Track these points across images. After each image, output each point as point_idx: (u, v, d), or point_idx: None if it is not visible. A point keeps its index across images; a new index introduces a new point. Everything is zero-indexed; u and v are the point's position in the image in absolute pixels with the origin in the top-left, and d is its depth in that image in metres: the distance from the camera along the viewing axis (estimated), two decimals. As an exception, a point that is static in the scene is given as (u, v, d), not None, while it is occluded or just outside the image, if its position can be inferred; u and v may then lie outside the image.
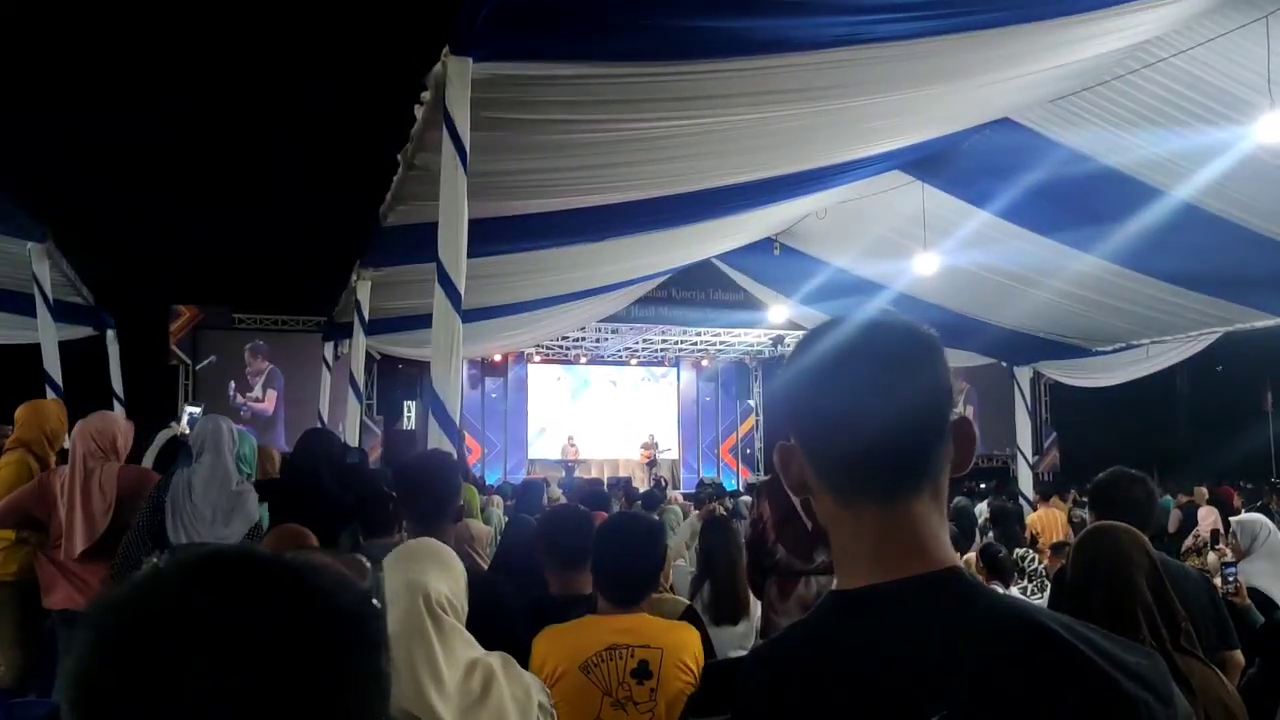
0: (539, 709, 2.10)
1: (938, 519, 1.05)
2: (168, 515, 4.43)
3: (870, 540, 1.04)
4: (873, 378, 1.04)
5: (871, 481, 1.05)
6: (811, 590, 3.89)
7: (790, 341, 20.59)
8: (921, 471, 1.05)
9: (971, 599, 1.00)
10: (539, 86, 4.89)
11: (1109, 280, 9.74)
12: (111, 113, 6.61)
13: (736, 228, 10.36)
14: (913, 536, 1.03)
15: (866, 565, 1.04)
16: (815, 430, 1.09)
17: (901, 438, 1.04)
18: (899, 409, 1.03)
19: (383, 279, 8.83)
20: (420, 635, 1.97)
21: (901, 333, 1.09)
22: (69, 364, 8.60)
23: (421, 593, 2.02)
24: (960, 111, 7.27)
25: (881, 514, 1.04)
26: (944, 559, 1.03)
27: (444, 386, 4.61)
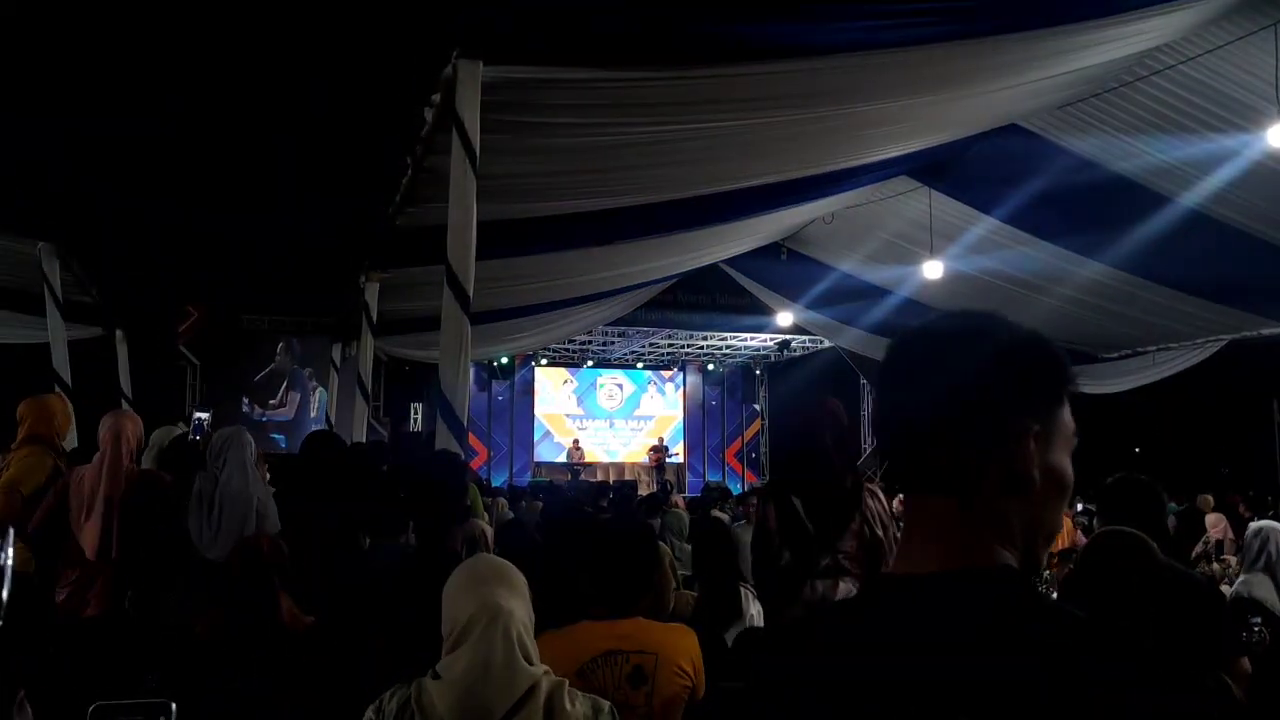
0: None
1: (967, 520, 1.03)
2: (191, 523, 4.45)
3: (906, 528, 1.08)
4: (899, 377, 1.09)
5: (899, 473, 1.08)
6: (817, 593, 3.88)
7: (796, 346, 20.59)
8: (933, 472, 1.05)
9: (1007, 600, 1.00)
10: (548, 90, 4.92)
11: (1115, 287, 9.73)
12: (120, 114, 6.65)
13: (743, 233, 10.38)
14: (933, 534, 1.05)
15: (903, 551, 1.07)
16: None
17: (898, 435, 1.08)
18: (896, 407, 1.07)
19: (391, 281, 8.86)
20: (489, 668, 1.98)
21: (935, 334, 1.10)
22: (77, 364, 8.65)
23: (503, 624, 2.02)
24: (968, 117, 7.28)
25: (913, 506, 1.08)
26: (978, 559, 1.03)
27: (452, 388, 4.63)
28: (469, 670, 1.96)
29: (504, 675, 1.97)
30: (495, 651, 1.98)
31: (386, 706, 2.02)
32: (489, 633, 1.99)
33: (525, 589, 2.16)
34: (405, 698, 2.01)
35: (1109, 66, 6.55)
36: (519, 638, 2.02)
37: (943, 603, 1.00)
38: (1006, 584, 1.02)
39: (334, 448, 5.14)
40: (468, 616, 2.02)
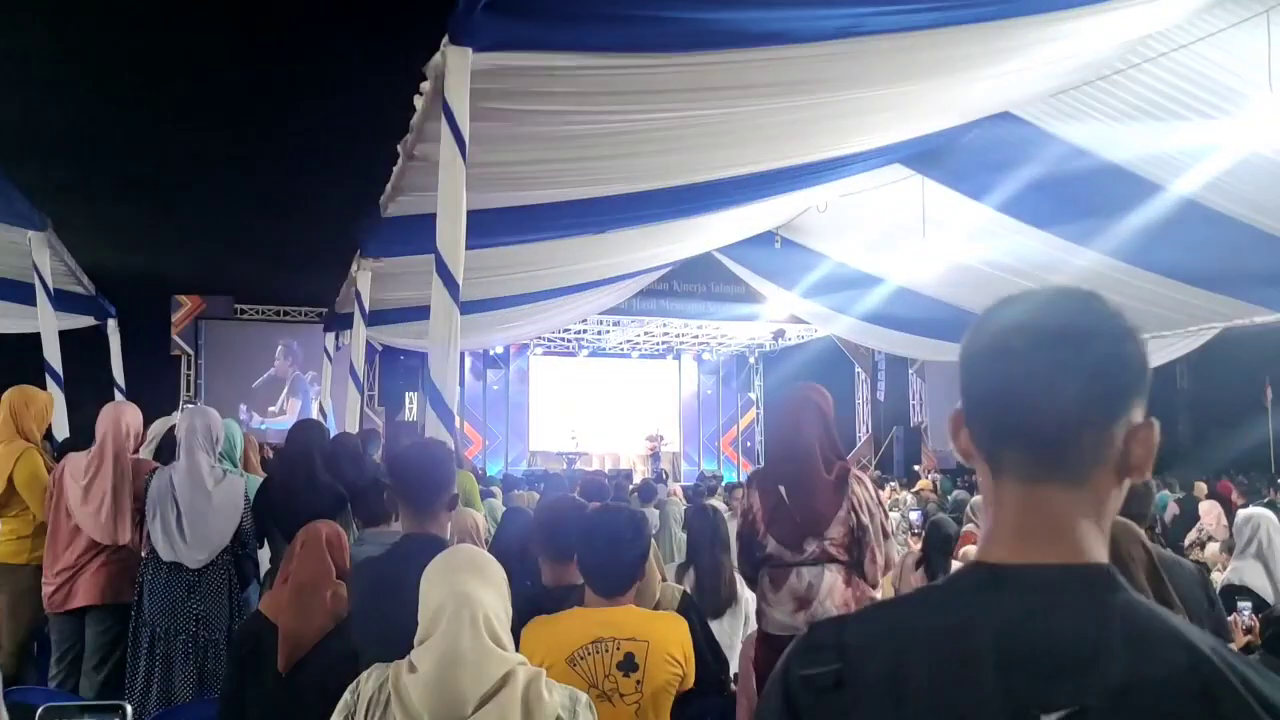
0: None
1: (1087, 513, 1.02)
2: (148, 516, 4.45)
3: (1011, 517, 1.04)
4: (1031, 355, 1.02)
5: (1009, 454, 1.04)
6: (803, 581, 3.88)
7: (790, 334, 20.61)
8: (1065, 459, 1.02)
9: (1121, 600, 0.99)
10: (539, 77, 4.89)
11: (1109, 275, 9.72)
12: (111, 103, 6.63)
13: (737, 221, 10.37)
14: (1053, 525, 1.02)
15: (1009, 542, 1.03)
16: (972, 399, 1.08)
17: (1039, 420, 1.01)
18: (1043, 390, 1.01)
19: (383, 270, 8.83)
20: (459, 656, 1.96)
21: (1081, 313, 1.04)
22: (69, 354, 8.61)
23: (470, 612, 2.00)
24: (960, 105, 7.27)
25: (1023, 492, 1.03)
26: (1091, 554, 1.02)
27: (442, 377, 4.61)
28: (439, 659, 1.96)
29: (474, 662, 1.96)
30: (463, 639, 1.97)
31: (363, 687, 2.04)
32: (456, 621, 1.99)
33: (500, 579, 2.15)
34: (382, 679, 2.03)
35: (1101, 54, 6.54)
36: (488, 625, 2.01)
37: (1073, 598, 0.98)
38: (1121, 585, 1.01)
39: (321, 437, 5.15)
40: (437, 605, 2.02)
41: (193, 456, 4.55)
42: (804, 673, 1.04)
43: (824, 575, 3.87)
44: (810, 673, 1.03)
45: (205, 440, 4.61)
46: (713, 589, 4.66)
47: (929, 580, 6.41)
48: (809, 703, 1.03)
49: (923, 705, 0.97)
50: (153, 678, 4.33)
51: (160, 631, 4.37)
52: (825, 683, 1.02)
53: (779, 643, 3.86)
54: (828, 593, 3.84)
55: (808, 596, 3.84)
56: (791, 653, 1.08)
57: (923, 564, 6.62)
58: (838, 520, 3.88)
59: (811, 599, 3.83)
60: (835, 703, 1.01)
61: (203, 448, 4.59)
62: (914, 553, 7.23)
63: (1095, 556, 1.02)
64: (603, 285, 13.28)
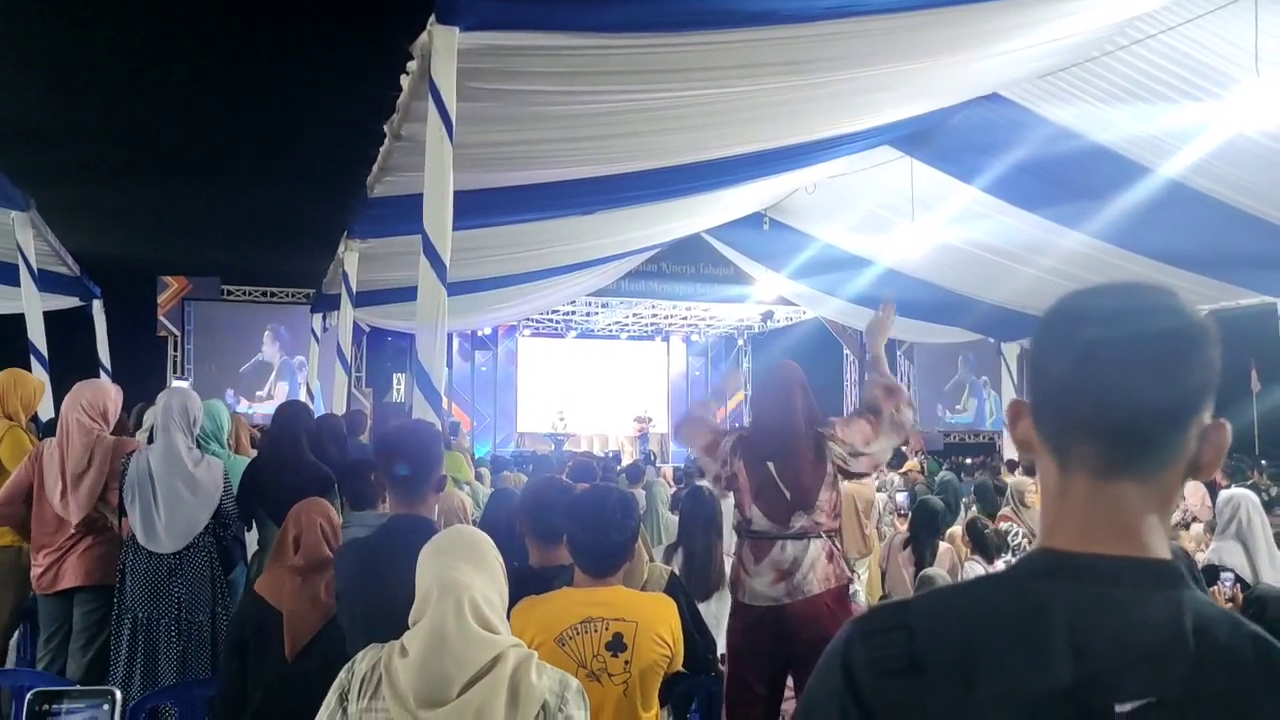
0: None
1: (1155, 509, 1.02)
2: (126, 499, 4.43)
3: (1077, 507, 1.03)
4: (1105, 344, 1.01)
5: (1082, 449, 1.03)
6: (786, 554, 3.92)
7: (779, 317, 20.63)
8: (1142, 456, 1.02)
9: (1189, 598, 0.99)
10: (526, 57, 4.86)
11: (1096, 258, 9.75)
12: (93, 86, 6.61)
13: (725, 202, 10.36)
14: (1122, 520, 1.01)
15: (1075, 531, 1.03)
16: (1040, 387, 1.07)
17: (1124, 417, 1.01)
18: (1129, 387, 1.00)
19: (370, 251, 8.80)
20: (443, 640, 1.97)
21: (1163, 310, 1.03)
22: (54, 335, 8.58)
23: (455, 595, 2.00)
24: (950, 86, 7.27)
25: (1093, 487, 1.02)
26: (1158, 549, 1.01)
27: (429, 358, 4.61)
28: (424, 642, 1.97)
29: (459, 645, 1.97)
30: (448, 623, 1.98)
31: (358, 666, 2.05)
32: (441, 605, 2.00)
33: (495, 560, 2.15)
34: (375, 660, 2.04)
35: (1090, 36, 6.54)
36: (474, 609, 2.01)
37: (1145, 591, 0.98)
38: (1187, 582, 1.01)
39: (307, 418, 5.14)
40: (425, 589, 2.04)
41: (169, 437, 4.52)
42: (873, 655, 1.01)
43: (809, 548, 3.92)
44: (879, 655, 1.01)
45: (182, 420, 4.58)
46: (703, 571, 4.68)
47: (916, 560, 6.45)
48: (875, 685, 1.01)
49: (995, 690, 0.96)
50: (135, 661, 4.32)
51: (143, 616, 4.36)
52: (897, 665, 1.00)
53: (751, 613, 3.90)
54: (810, 566, 3.89)
55: (790, 569, 3.88)
56: (851, 637, 1.05)
57: (910, 544, 6.67)
58: (825, 487, 3.95)
59: (794, 571, 3.88)
60: (905, 686, 0.99)
61: (179, 428, 4.56)
62: (901, 532, 7.28)
63: (1162, 552, 1.02)
64: (591, 266, 13.27)
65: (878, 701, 1.00)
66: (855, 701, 1.01)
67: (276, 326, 19.04)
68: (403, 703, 1.94)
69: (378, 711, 1.98)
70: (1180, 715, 0.92)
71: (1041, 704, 0.94)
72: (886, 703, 1.00)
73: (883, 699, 1.00)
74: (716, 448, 4.16)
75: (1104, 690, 0.93)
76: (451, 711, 1.92)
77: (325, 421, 5.60)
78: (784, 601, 3.87)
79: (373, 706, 1.98)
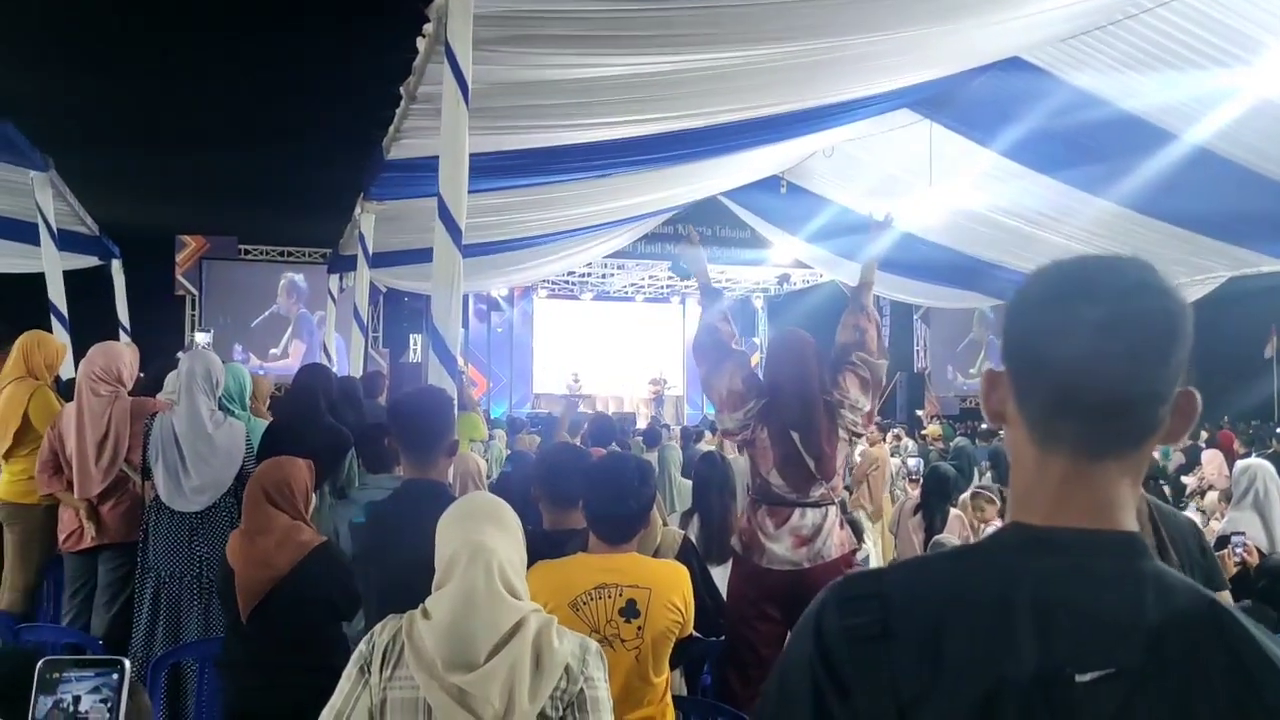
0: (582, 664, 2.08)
1: (1128, 483, 1.04)
2: (151, 460, 4.48)
3: (1054, 484, 1.04)
4: (1099, 324, 1.00)
5: (1067, 428, 1.03)
6: (806, 520, 3.95)
7: (796, 280, 20.55)
8: (1123, 430, 1.02)
9: (1151, 568, 1.00)
10: (542, 20, 4.83)
11: (1117, 224, 9.66)
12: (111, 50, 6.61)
13: (742, 165, 10.29)
14: (1096, 492, 1.02)
15: (1048, 506, 1.04)
16: (1025, 363, 1.06)
17: (1115, 395, 1.01)
18: (1122, 365, 1.00)
19: (386, 212, 8.80)
20: (473, 604, 1.99)
21: (1149, 286, 1.03)
22: (74, 294, 8.64)
23: (485, 560, 2.03)
24: (970, 50, 7.17)
25: (1074, 465, 1.03)
26: (1125, 522, 1.03)
27: (444, 321, 4.62)
28: (453, 606, 1.98)
29: (488, 610, 1.99)
30: (478, 587, 2.00)
31: (378, 639, 2.05)
32: (471, 569, 2.01)
33: (516, 526, 2.17)
34: (396, 629, 2.05)
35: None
36: (502, 573, 2.03)
37: (1108, 562, 1.00)
38: (1149, 553, 1.03)
39: (326, 381, 5.17)
40: (451, 553, 2.04)
41: (192, 399, 4.57)
42: (846, 623, 1.02)
43: (826, 515, 3.97)
44: (853, 623, 1.02)
45: (205, 383, 4.62)
46: (720, 536, 4.72)
47: (926, 525, 6.47)
48: (846, 654, 1.02)
49: (961, 660, 0.97)
50: (158, 618, 4.39)
51: (165, 574, 4.43)
52: (870, 632, 1.01)
53: (770, 577, 3.93)
54: (829, 533, 3.94)
55: (810, 535, 3.92)
56: (825, 603, 1.06)
57: (920, 509, 6.68)
58: (839, 454, 4.04)
59: (814, 537, 3.92)
60: (875, 653, 1.00)
61: (202, 390, 4.60)
62: (913, 498, 7.29)
63: (1127, 524, 1.03)
64: (608, 229, 13.23)
65: (848, 667, 1.01)
66: (825, 667, 1.02)
67: (293, 277, 18.55)
68: (429, 668, 1.96)
69: (402, 680, 1.99)
70: (1138, 685, 0.93)
71: (1006, 674, 0.95)
72: (856, 669, 1.00)
73: (852, 665, 1.01)
74: (741, 402, 4.11)
75: (1066, 661, 0.95)
76: (479, 677, 1.94)
77: (343, 384, 5.63)
78: (804, 566, 3.91)
79: (396, 676, 2.00)
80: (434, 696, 1.94)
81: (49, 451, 4.78)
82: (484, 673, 1.94)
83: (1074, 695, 0.93)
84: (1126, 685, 0.93)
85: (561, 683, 2.02)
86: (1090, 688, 0.93)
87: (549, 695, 1.99)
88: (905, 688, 0.98)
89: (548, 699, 1.99)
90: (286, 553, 3.31)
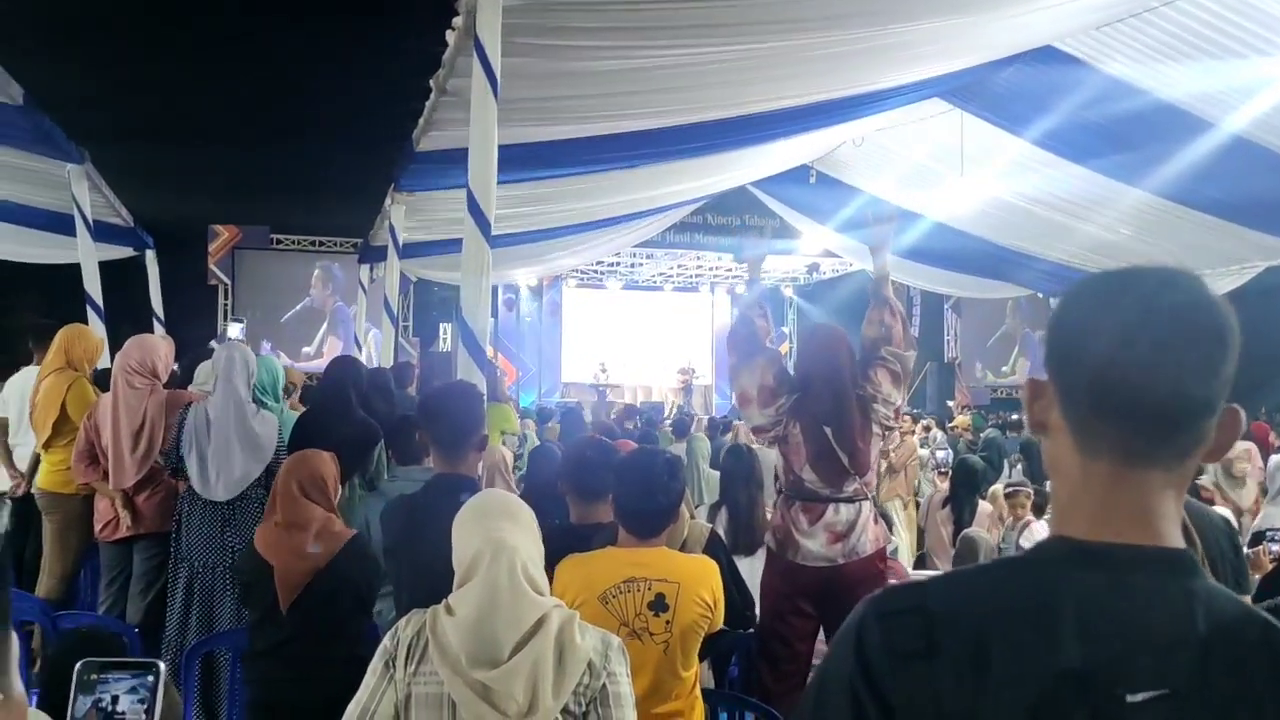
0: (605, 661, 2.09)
1: (1173, 497, 1.03)
2: (185, 448, 4.53)
3: (1098, 494, 1.03)
4: (1158, 336, 0.99)
5: (1114, 437, 1.02)
6: (840, 516, 3.94)
7: (825, 269, 20.46)
8: (1174, 444, 1.01)
9: (1202, 587, 0.99)
10: (570, 12, 4.85)
11: (1152, 213, 9.57)
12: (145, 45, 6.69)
13: (771, 155, 10.26)
14: (1144, 507, 1.01)
15: (1092, 517, 1.02)
16: (1073, 372, 1.04)
17: (1166, 405, 0.99)
18: (1173, 375, 0.99)
19: (416, 203, 8.85)
20: (496, 601, 2.01)
21: (1202, 299, 1.02)
22: (108, 284, 8.74)
23: (507, 558, 2.04)
24: (1003, 39, 7.11)
25: (1118, 474, 1.02)
26: (1173, 538, 1.01)
27: (474, 314, 4.64)
28: (478, 604, 2.01)
29: (511, 607, 2.01)
30: (501, 585, 2.02)
31: (403, 634, 2.07)
32: (494, 567, 2.03)
33: (532, 522, 2.19)
34: (420, 625, 2.07)
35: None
36: (524, 570, 2.05)
37: (1158, 581, 0.99)
38: (1200, 571, 1.02)
39: (357, 373, 5.21)
40: (474, 551, 2.06)
41: (230, 386, 4.61)
42: (888, 639, 1.01)
43: (860, 510, 3.95)
44: (896, 639, 1.01)
45: (242, 372, 4.67)
46: (747, 528, 4.73)
47: (955, 519, 6.45)
48: (888, 670, 1.01)
49: (1005, 677, 0.96)
50: (191, 607, 4.45)
51: (198, 565, 4.48)
52: (913, 649, 1.00)
53: (804, 573, 3.92)
54: (863, 528, 3.93)
55: (845, 531, 3.91)
56: (866, 618, 1.05)
57: (949, 502, 6.66)
58: (872, 449, 4.03)
59: (848, 533, 3.91)
60: (919, 669, 0.99)
61: (240, 378, 4.65)
62: (941, 491, 7.27)
63: (1176, 540, 1.02)
64: (636, 219, 13.23)
65: (890, 683, 1.00)
66: (866, 683, 1.01)
67: (329, 265, 17.92)
68: (453, 665, 1.98)
69: (427, 676, 2.02)
70: (1190, 707, 0.93)
71: (1052, 692, 0.95)
72: (899, 685, 1.00)
73: (896, 682, 1.00)
74: (773, 398, 4.07)
75: (1115, 680, 0.94)
76: (504, 673, 1.96)
77: (374, 376, 5.68)
78: (839, 562, 3.89)
79: (421, 671, 2.02)
80: (458, 692, 1.97)
81: (85, 442, 4.85)
82: (508, 669, 1.97)
83: (1123, 715, 0.93)
84: (1175, 705, 0.93)
85: (584, 678, 2.03)
86: (1140, 708, 0.93)
87: (572, 691, 2.01)
88: (949, 705, 0.98)
89: (571, 694, 2.01)
90: (324, 545, 3.36)
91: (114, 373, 4.95)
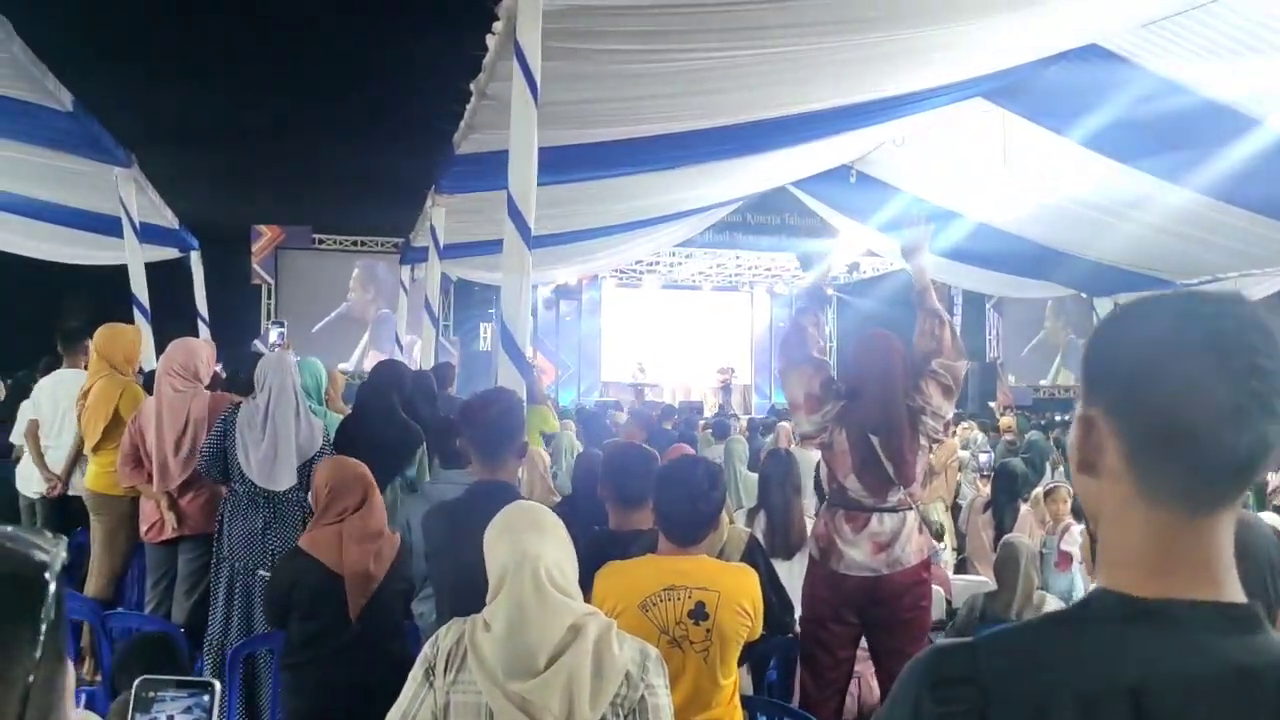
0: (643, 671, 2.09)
1: (1229, 540, 0.98)
2: (236, 446, 4.57)
3: (1157, 543, 0.97)
4: (1237, 382, 0.93)
5: (1187, 488, 0.96)
6: (885, 527, 3.90)
7: (865, 269, 20.34)
8: (1237, 483, 0.97)
9: (1267, 641, 0.95)
10: (610, 16, 4.86)
11: (1198, 212, 9.42)
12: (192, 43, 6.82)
13: (811, 155, 10.21)
14: (1208, 556, 0.97)
15: (1151, 569, 0.97)
16: (1142, 417, 0.97)
17: (1245, 453, 0.94)
18: (1255, 423, 0.93)
19: (457, 205, 8.91)
20: (524, 613, 2.02)
21: (1265, 331, 0.96)
22: (154, 285, 8.88)
23: (530, 567, 2.05)
24: (1046, 37, 7.03)
25: (1181, 523, 0.97)
26: (1233, 591, 0.97)
27: (514, 317, 4.68)
28: (507, 617, 2.02)
29: (539, 616, 2.01)
30: (527, 595, 2.02)
31: (442, 642, 2.09)
32: (517, 577, 2.04)
33: (554, 526, 2.19)
34: (460, 634, 2.08)
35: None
36: (549, 576, 2.05)
37: (1220, 640, 0.94)
38: (1266, 626, 0.98)
39: (401, 377, 5.25)
40: (500, 566, 2.08)
41: (282, 379, 4.66)
42: (941, 710, 0.99)
43: (905, 521, 3.92)
44: (949, 710, 0.99)
45: (295, 374, 4.75)
46: (784, 531, 4.72)
47: (996, 524, 6.39)
48: None
49: None
50: (233, 608, 4.50)
51: (239, 567, 4.53)
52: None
53: (848, 582, 3.90)
54: (907, 538, 3.90)
55: (889, 541, 3.89)
56: (921, 683, 1.02)
57: (990, 507, 6.61)
58: (919, 460, 4.00)
59: (892, 543, 3.88)
60: None
61: (293, 377, 4.72)
62: (983, 495, 7.20)
63: (1237, 595, 0.97)
64: (676, 219, 13.23)
65: None
66: None
67: (370, 264, 17.78)
68: (490, 676, 2.00)
69: (465, 685, 2.03)
70: None
71: None
72: None
73: None
74: (819, 405, 4.04)
75: None
76: (540, 684, 1.97)
77: (418, 379, 5.73)
78: (883, 572, 3.87)
79: (460, 680, 2.04)
80: (496, 703, 1.98)
81: (129, 445, 4.93)
82: (544, 680, 1.97)
83: None
84: None
85: (622, 689, 2.04)
86: None
87: (609, 702, 2.02)
88: None
89: (608, 705, 2.01)
90: (387, 550, 3.43)
91: (157, 375, 5.03)
